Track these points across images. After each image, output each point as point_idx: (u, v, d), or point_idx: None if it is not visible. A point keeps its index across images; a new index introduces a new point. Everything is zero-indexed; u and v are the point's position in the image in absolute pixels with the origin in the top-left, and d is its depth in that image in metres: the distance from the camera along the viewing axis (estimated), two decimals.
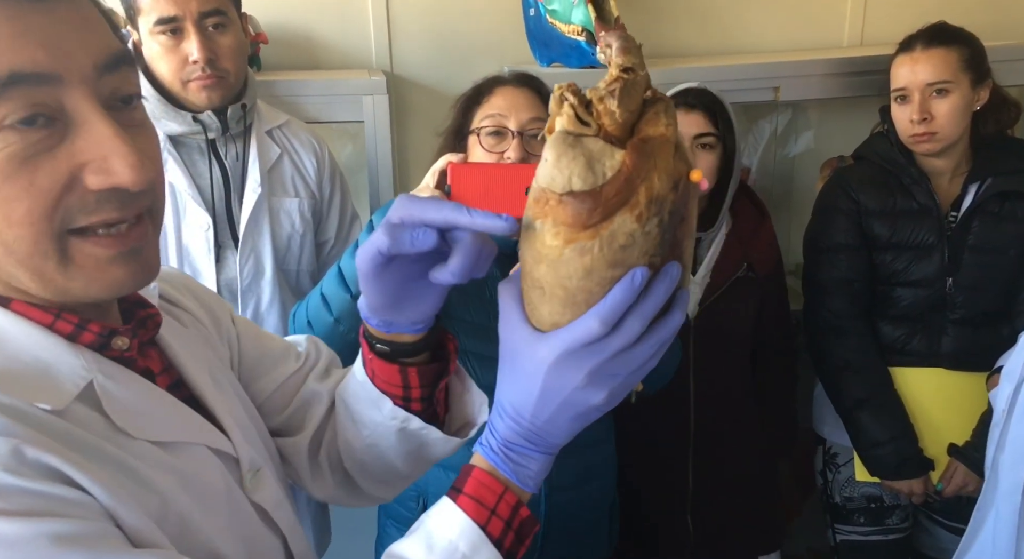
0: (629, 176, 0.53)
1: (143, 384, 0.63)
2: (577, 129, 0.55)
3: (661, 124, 0.55)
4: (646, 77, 0.55)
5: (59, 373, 0.58)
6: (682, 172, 0.56)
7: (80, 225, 0.54)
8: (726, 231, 1.70)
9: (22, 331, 0.58)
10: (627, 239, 0.54)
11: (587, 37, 1.84)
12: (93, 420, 0.58)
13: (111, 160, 0.53)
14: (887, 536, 1.82)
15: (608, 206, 0.53)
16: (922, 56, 1.63)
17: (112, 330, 0.62)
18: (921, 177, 1.69)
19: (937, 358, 1.70)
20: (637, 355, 0.56)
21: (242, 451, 0.69)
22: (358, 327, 1.27)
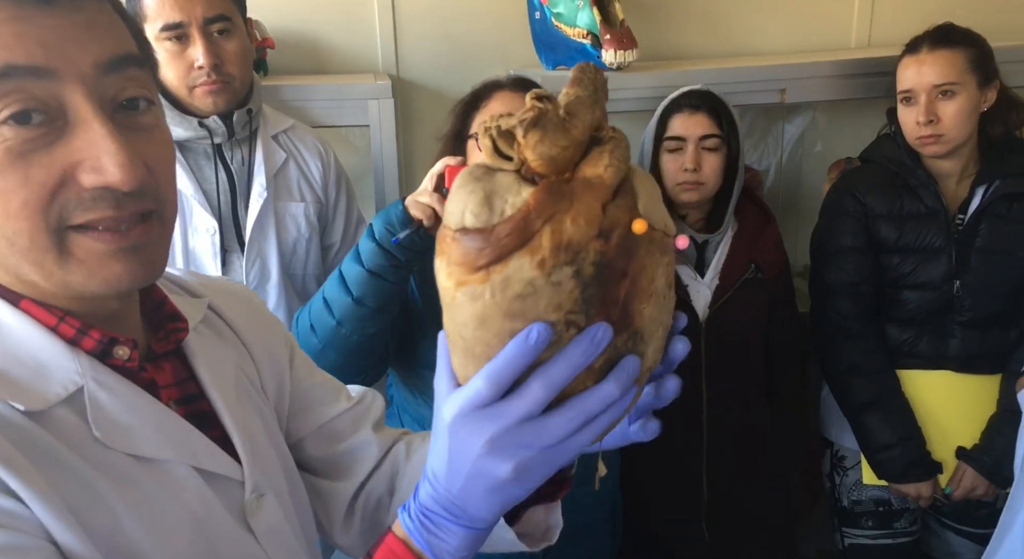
0: (527, 216, 0.47)
1: (139, 396, 0.62)
2: (495, 162, 0.50)
3: (601, 165, 0.49)
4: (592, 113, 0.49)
5: (51, 375, 0.58)
6: (619, 221, 0.49)
7: (77, 222, 0.55)
8: (732, 234, 1.70)
9: (25, 330, 0.59)
10: (525, 287, 0.47)
11: (592, 40, 1.84)
12: (72, 427, 0.58)
13: (102, 159, 0.54)
14: (895, 540, 1.81)
15: (500, 247, 0.47)
16: (928, 57, 1.62)
17: (113, 338, 0.62)
18: (928, 179, 1.68)
19: (945, 361, 1.69)
20: (551, 428, 0.49)
21: (249, 474, 0.67)
22: (360, 330, 1.29)
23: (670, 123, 1.63)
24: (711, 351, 1.64)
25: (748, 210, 1.72)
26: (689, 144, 1.61)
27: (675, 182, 1.63)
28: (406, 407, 1.45)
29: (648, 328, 0.51)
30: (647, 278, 0.50)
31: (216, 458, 0.65)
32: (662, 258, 0.51)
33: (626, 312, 0.50)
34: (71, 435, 0.58)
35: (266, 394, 0.78)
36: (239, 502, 0.67)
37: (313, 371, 0.86)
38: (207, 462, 0.64)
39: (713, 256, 1.68)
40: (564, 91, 0.50)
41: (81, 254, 0.56)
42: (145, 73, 0.59)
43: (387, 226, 1.23)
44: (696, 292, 1.65)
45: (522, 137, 0.49)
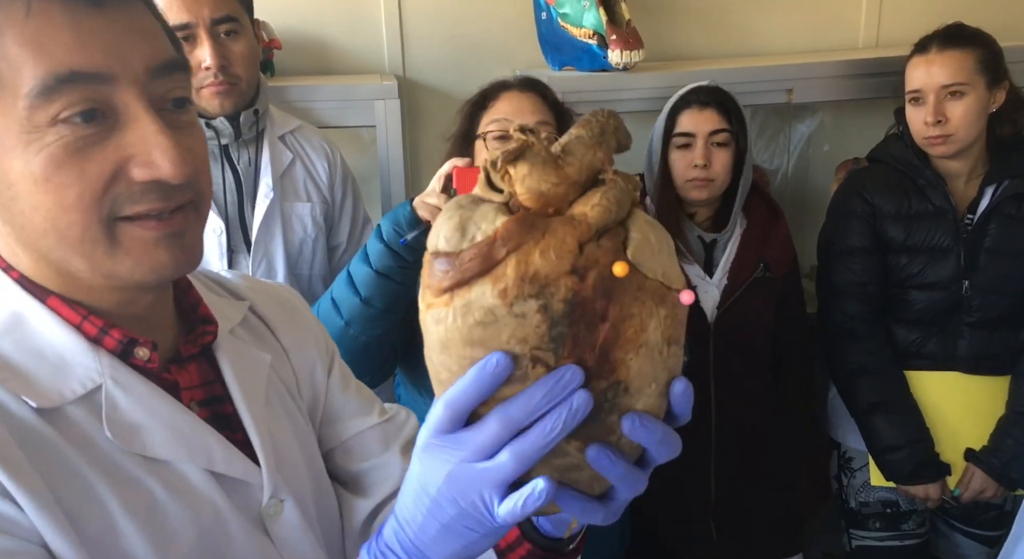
0: (492, 242, 0.46)
1: (156, 396, 0.63)
2: (485, 194, 0.50)
3: (590, 204, 0.48)
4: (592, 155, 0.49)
5: (71, 372, 0.59)
6: (599, 261, 0.47)
7: (127, 214, 0.58)
8: (740, 231, 1.69)
9: (51, 327, 0.60)
10: (485, 315, 0.46)
11: (598, 41, 1.84)
12: (83, 425, 0.59)
13: (154, 154, 0.57)
14: (903, 542, 1.80)
15: (463, 271, 0.47)
16: (937, 58, 1.62)
17: (133, 339, 0.63)
18: (937, 179, 1.68)
19: (953, 361, 1.68)
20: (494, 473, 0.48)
21: (267, 479, 0.67)
22: (368, 330, 1.29)
23: (679, 119, 1.63)
24: (719, 351, 1.64)
25: (756, 206, 1.72)
26: (698, 140, 1.60)
27: (684, 179, 1.62)
28: (414, 407, 1.44)
29: (635, 382, 0.49)
30: (634, 327, 0.48)
31: (232, 461, 0.65)
32: (658, 310, 0.49)
33: (606, 360, 0.48)
34: (81, 434, 0.58)
35: (302, 400, 0.78)
36: (257, 507, 0.66)
37: (349, 383, 0.85)
38: (221, 465, 0.64)
39: (722, 255, 1.68)
40: (570, 131, 0.50)
41: (128, 243, 0.58)
42: (187, 76, 0.63)
43: (395, 227, 1.24)
44: (704, 292, 1.65)
45: (501, 167, 0.49)
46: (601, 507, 0.52)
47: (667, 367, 0.50)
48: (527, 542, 0.64)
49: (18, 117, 0.55)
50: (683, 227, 1.66)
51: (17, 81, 0.54)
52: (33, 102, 0.54)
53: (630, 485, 0.52)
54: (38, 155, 0.55)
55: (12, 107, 0.55)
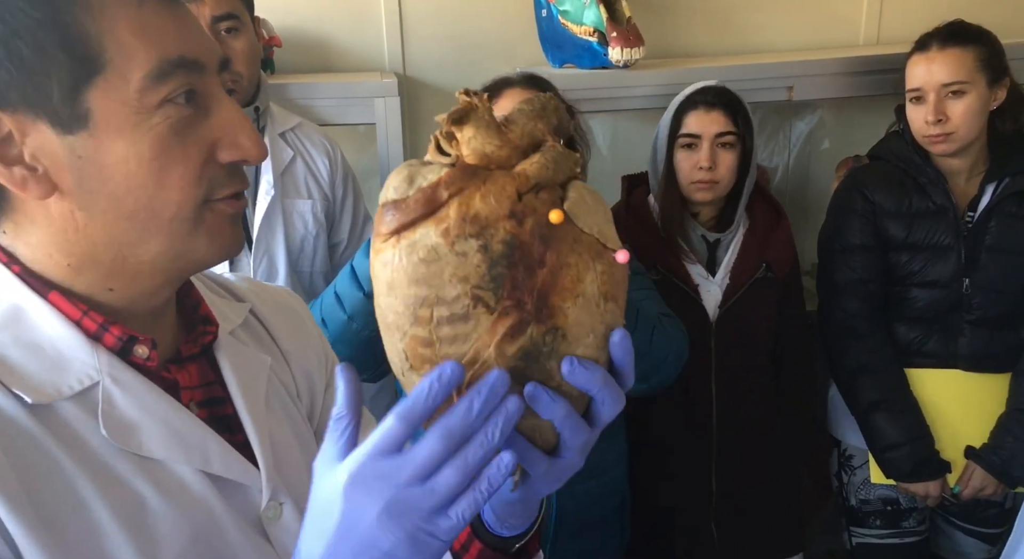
0: (436, 186, 0.50)
1: (154, 395, 0.62)
2: (434, 158, 0.53)
3: (530, 162, 0.51)
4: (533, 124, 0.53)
5: (68, 368, 0.59)
6: (536, 209, 0.50)
7: (221, 195, 0.62)
8: (743, 231, 1.69)
9: (50, 322, 0.60)
10: (429, 253, 0.49)
11: (599, 38, 1.84)
12: (77, 423, 0.58)
13: (239, 137, 0.61)
14: (903, 539, 1.80)
15: (408, 213, 0.50)
16: (938, 56, 1.61)
17: (133, 337, 0.62)
18: (937, 177, 1.67)
19: (954, 359, 1.68)
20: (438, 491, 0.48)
21: (266, 481, 0.66)
22: (371, 324, 1.29)
23: (685, 120, 1.62)
24: (721, 350, 1.64)
25: (759, 207, 1.72)
26: (704, 142, 1.60)
27: (690, 180, 1.62)
28: None
29: (573, 330, 0.51)
30: (571, 276, 0.51)
31: (230, 463, 0.64)
32: (594, 264, 0.51)
33: (544, 303, 0.50)
34: (73, 432, 0.58)
35: (301, 404, 0.77)
36: (256, 509, 0.66)
37: None
38: (218, 467, 0.63)
39: (724, 255, 1.67)
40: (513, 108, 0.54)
41: (211, 221, 0.61)
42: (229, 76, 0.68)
43: None
44: (707, 291, 1.65)
45: (447, 127, 0.52)
46: (545, 458, 0.53)
47: (604, 321, 0.52)
48: (477, 540, 0.65)
49: (128, 100, 0.57)
50: (687, 226, 1.66)
51: (129, 66, 0.56)
52: (147, 84, 0.57)
53: (572, 429, 0.52)
54: (147, 135, 0.57)
55: (122, 91, 0.56)
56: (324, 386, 0.81)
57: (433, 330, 0.50)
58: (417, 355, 0.51)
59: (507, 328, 0.50)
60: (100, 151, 0.57)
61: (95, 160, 0.57)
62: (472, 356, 0.50)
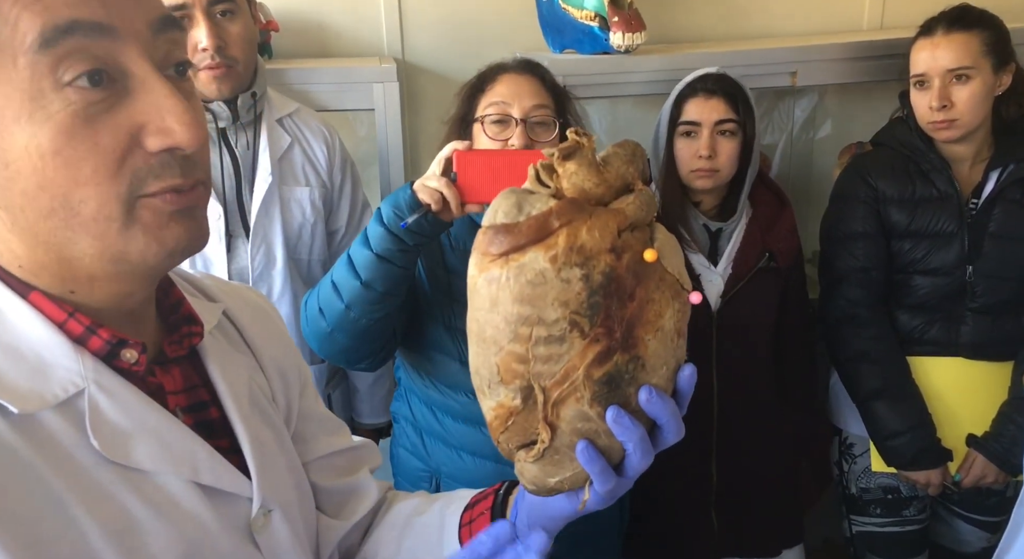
0: (548, 215, 0.54)
1: (143, 403, 0.59)
2: (535, 187, 0.57)
3: (626, 202, 0.56)
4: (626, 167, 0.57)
5: (51, 375, 0.55)
6: (632, 247, 0.55)
7: (150, 191, 0.54)
8: (746, 220, 1.68)
9: (30, 324, 0.56)
10: (536, 276, 0.53)
11: (600, 23, 1.82)
12: (62, 434, 0.55)
13: (168, 120, 0.53)
14: (904, 528, 1.80)
15: (520, 237, 0.54)
16: (943, 41, 1.59)
17: (122, 340, 0.59)
18: (941, 163, 1.66)
19: (956, 347, 1.67)
20: None
21: (257, 489, 0.64)
22: (368, 313, 1.28)
23: (685, 107, 1.60)
24: (722, 340, 1.63)
25: (762, 195, 1.70)
26: (704, 129, 1.58)
27: (690, 169, 1.60)
28: (413, 389, 1.44)
29: (651, 361, 0.56)
30: (654, 311, 0.56)
31: (219, 473, 0.62)
32: (673, 302, 0.57)
33: (630, 334, 0.55)
34: (59, 443, 0.54)
35: (277, 407, 0.75)
36: (246, 518, 0.64)
37: (320, 403, 0.85)
38: (208, 477, 0.61)
39: (727, 244, 1.66)
40: (607, 148, 0.59)
41: (147, 218, 0.55)
42: (184, 36, 0.59)
43: (395, 210, 1.23)
44: (709, 281, 1.63)
45: (560, 165, 0.56)
46: (615, 478, 0.58)
47: (676, 355, 0.58)
48: None
49: (20, 83, 0.50)
50: (688, 215, 1.65)
51: (15, 40, 0.50)
52: (34, 59, 0.50)
53: (643, 453, 0.57)
54: (45, 125, 0.51)
55: (12, 71, 0.50)
56: (300, 389, 0.80)
57: (530, 348, 0.54)
58: (510, 370, 0.55)
59: (596, 354, 0.54)
60: (1, 147, 0.51)
61: (1, 157, 0.51)
62: (562, 376, 0.55)
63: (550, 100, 1.39)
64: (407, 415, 1.47)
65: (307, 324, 1.32)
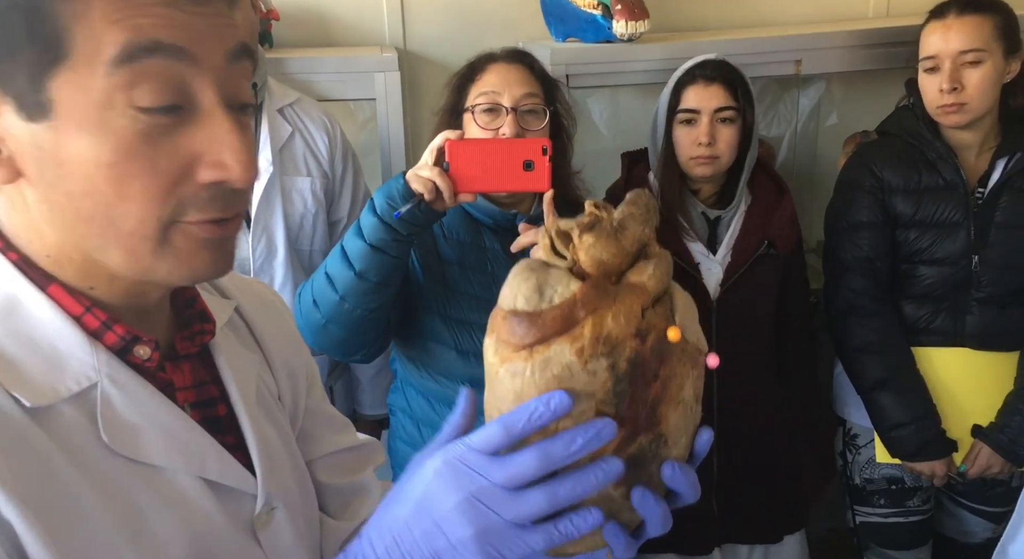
0: (573, 305, 0.52)
1: (154, 398, 0.60)
2: (550, 259, 0.56)
3: (645, 274, 0.55)
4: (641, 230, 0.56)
5: (66, 367, 0.56)
6: (656, 326, 0.54)
7: (190, 220, 0.55)
8: (745, 208, 1.66)
9: (48, 317, 0.57)
10: (563, 370, 0.52)
11: (603, 11, 1.80)
12: (74, 427, 0.55)
13: (225, 155, 0.54)
14: (908, 518, 1.80)
15: (545, 329, 0.52)
16: (955, 23, 1.57)
17: (136, 337, 0.60)
18: (947, 152, 1.64)
19: (961, 338, 1.66)
20: (522, 505, 0.51)
21: (261, 487, 0.65)
22: (363, 304, 1.28)
23: (684, 95, 1.59)
24: (722, 329, 1.62)
25: (762, 183, 1.69)
26: (703, 117, 1.57)
27: (689, 156, 1.59)
28: (410, 380, 1.44)
29: (673, 434, 0.56)
30: (676, 385, 0.55)
31: (226, 469, 0.63)
32: (692, 371, 0.56)
33: (654, 414, 0.54)
34: (72, 436, 0.55)
35: (283, 405, 0.76)
36: (249, 515, 0.65)
37: (327, 401, 0.85)
38: (215, 473, 0.62)
39: (725, 232, 1.65)
40: (619, 208, 0.57)
41: (180, 243, 0.55)
42: (254, 66, 0.59)
43: (388, 200, 1.22)
44: (707, 270, 1.62)
45: (578, 238, 0.55)
46: (634, 544, 0.58)
47: (694, 422, 0.59)
48: None
49: (93, 92, 0.51)
50: (686, 204, 1.64)
51: (97, 50, 0.50)
52: (111, 71, 0.50)
53: (664, 524, 0.57)
54: (108, 137, 0.51)
55: (89, 78, 0.51)
56: (307, 386, 0.80)
57: None
58: None
59: (621, 439, 0.53)
60: (59, 145, 0.52)
61: (54, 154, 0.52)
62: None
63: (539, 89, 1.39)
64: (404, 407, 1.47)
65: (301, 316, 1.32)
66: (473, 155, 1.21)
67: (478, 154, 1.22)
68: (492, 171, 1.22)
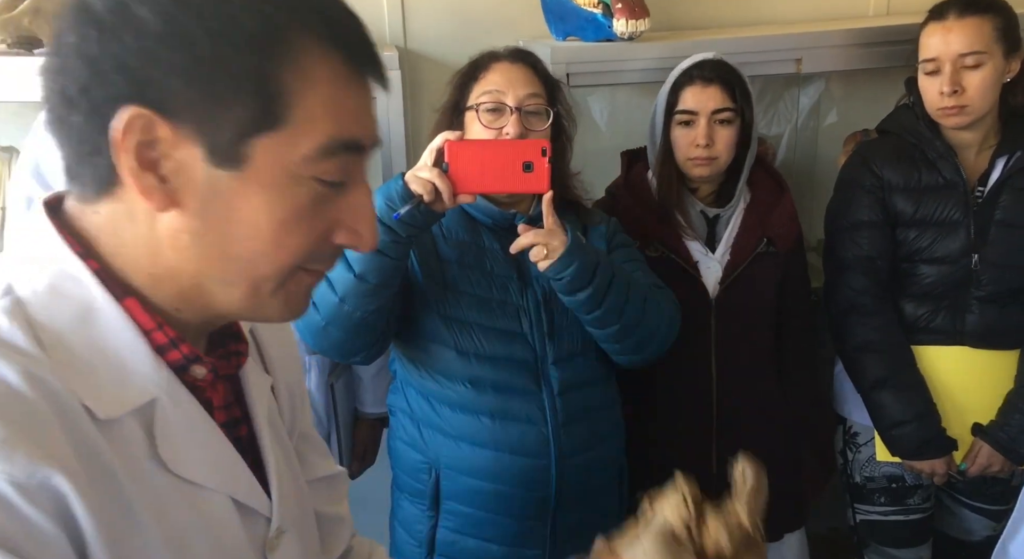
0: None
1: (203, 417, 0.62)
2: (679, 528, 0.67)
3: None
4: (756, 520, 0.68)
5: (130, 381, 0.58)
6: None
7: (312, 269, 0.62)
8: (744, 206, 1.67)
9: (121, 328, 0.58)
10: None
11: (603, 9, 1.80)
12: (134, 439, 0.57)
13: (360, 225, 0.61)
14: (908, 516, 1.80)
15: None
16: (955, 25, 1.57)
17: (198, 356, 0.62)
18: (947, 151, 1.64)
19: (961, 336, 1.66)
20: None
21: (276, 509, 0.68)
22: (363, 306, 1.29)
23: (682, 95, 1.59)
24: (721, 327, 1.62)
25: (761, 180, 1.69)
26: (701, 119, 1.57)
27: (687, 157, 1.59)
28: (410, 381, 1.44)
29: None
30: None
31: (252, 491, 0.65)
32: None
33: None
34: (130, 449, 0.57)
35: (284, 425, 0.77)
36: (263, 537, 0.67)
37: (311, 422, 0.87)
38: (243, 495, 0.64)
39: (724, 230, 1.65)
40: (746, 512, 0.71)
41: (292, 288, 0.61)
42: None
43: (388, 202, 1.23)
44: (706, 268, 1.62)
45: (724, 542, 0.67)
46: None
47: None
48: None
49: (288, 163, 0.56)
50: (685, 202, 1.64)
51: (305, 133, 0.56)
52: (312, 156, 0.56)
53: None
54: (286, 202, 0.57)
55: (287, 153, 0.56)
56: (301, 406, 0.81)
57: None
58: None
59: None
60: (238, 195, 0.56)
61: (229, 200, 0.56)
62: None
63: (543, 89, 1.39)
64: (404, 407, 1.47)
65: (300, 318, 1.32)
66: (472, 156, 1.21)
67: (477, 155, 1.22)
68: (491, 172, 1.22)
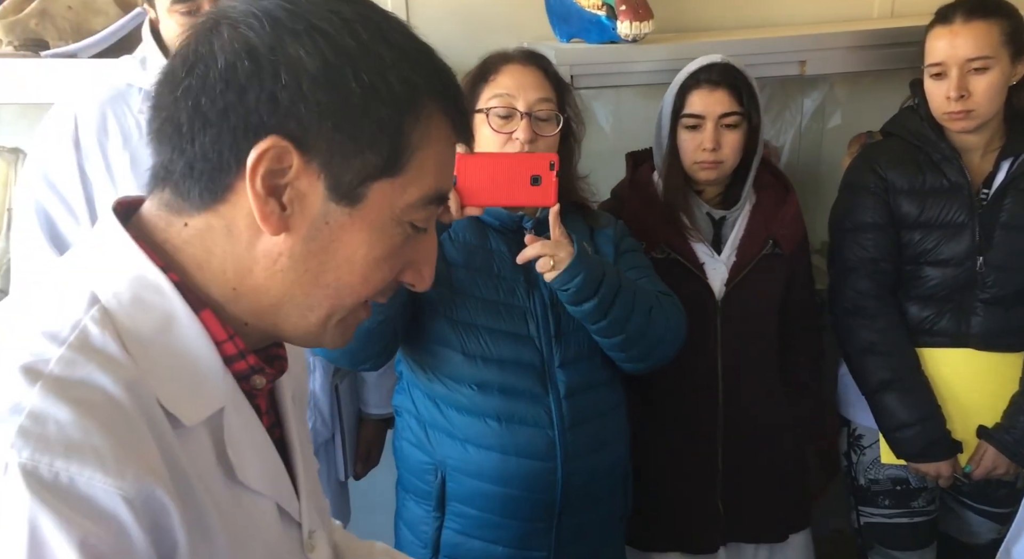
0: None
1: (258, 425, 0.65)
2: None
3: None
4: None
5: (205, 391, 0.60)
6: None
7: (373, 301, 0.66)
8: (750, 207, 1.67)
9: (197, 338, 0.61)
10: None
11: (607, 11, 1.80)
12: (203, 447, 0.59)
13: (424, 268, 0.66)
14: (912, 519, 1.80)
15: None
16: (962, 29, 1.57)
17: (261, 368, 0.65)
18: (952, 153, 1.64)
19: (966, 339, 1.66)
20: None
21: (305, 512, 0.70)
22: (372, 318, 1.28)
23: (688, 99, 1.59)
24: (727, 328, 1.62)
25: (767, 182, 1.69)
26: (708, 122, 1.57)
27: (693, 161, 1.59)
28: (416, 383, 1.44)
29: None
30: None
31: (291, 496, 0.68)
32: None
33: None
34: (201, 457, 0.59)
35: None
36: (299, 539, 0.69)
37: None
38: (285, 501, 0.67)
39: (730, 232, 1.65)
40: None
41: (352, 320, 0.66)
42: None
43: None
44: (712, 270, 1.63)
45: None
46: None
47: None
48: None
49: (394, 206, 0.61)
50: (691, 204, 1.64)
51: (415, 183, 0.61)
52: (416, 204, 0.62)
53: None
54: (387, 239, 0.62)
55: (397, 197, 0.61)
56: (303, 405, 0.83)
57: None
58: None
59: None
60: (345, 229, 0.60)
61: (336, 232, 0.60)
62: None
63: (553, 93, 1.39)
64: (410, 408, 1.47)
65: None
66: (481, 169, 1.22)
67: (486, 168, 1.22)
68: (499, 185, 1.22)
